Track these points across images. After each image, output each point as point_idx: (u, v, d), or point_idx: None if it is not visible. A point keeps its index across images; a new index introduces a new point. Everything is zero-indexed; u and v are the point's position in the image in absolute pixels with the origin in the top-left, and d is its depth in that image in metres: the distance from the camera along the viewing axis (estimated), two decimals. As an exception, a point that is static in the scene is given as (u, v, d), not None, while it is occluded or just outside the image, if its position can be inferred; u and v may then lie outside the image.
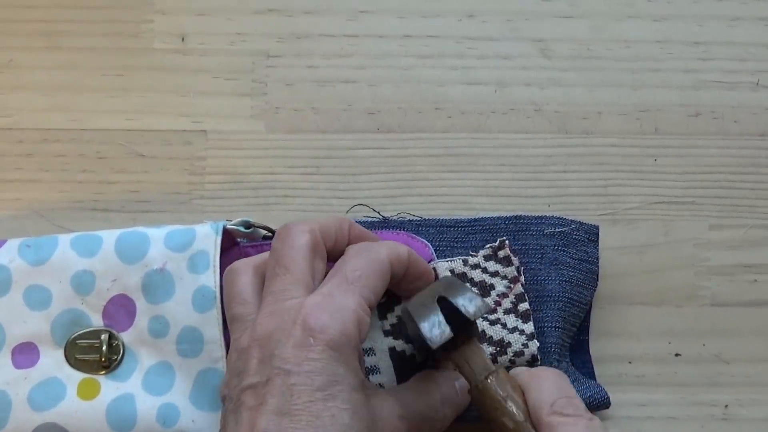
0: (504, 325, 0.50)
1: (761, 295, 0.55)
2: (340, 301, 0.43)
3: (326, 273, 0.46)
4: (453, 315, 0.44)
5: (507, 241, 0.52)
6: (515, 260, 0.52)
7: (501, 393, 0.44)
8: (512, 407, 0.44)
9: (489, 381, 0.44)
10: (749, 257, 0.56)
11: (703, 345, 0.55)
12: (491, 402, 0.44)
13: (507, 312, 0.51)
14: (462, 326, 0.44)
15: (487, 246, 0.52)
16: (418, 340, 0.47)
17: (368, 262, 0.45)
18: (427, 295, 0.46)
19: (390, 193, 0.57)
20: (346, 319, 0.43)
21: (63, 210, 0.56)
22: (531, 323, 0.51)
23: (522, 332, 0.50)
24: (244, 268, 0.47)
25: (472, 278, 0.51)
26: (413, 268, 0.48)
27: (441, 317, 0.44)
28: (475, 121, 0.58)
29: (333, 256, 0.48)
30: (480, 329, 0.50)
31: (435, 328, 0.44)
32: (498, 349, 0.50)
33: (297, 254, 0.45)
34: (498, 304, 0.51)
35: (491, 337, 0.50)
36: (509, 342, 0.50)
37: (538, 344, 0.51)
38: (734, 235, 0.56)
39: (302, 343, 0.42)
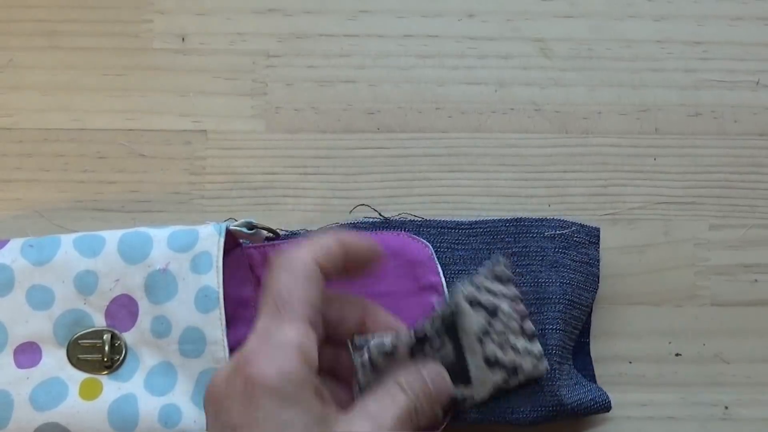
0: (515, 349, 0.49)
1: (761, 295, 0.55)
2: (276, 336, 0.41)
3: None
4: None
5: (502, 257, 0.50)
6: (511, 275, 0.50)
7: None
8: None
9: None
10: (749, 257, 0.56)
11: (704, 345, 0.55)
12: None
13: (515, 333, 0.49)
14: None
15: (487, 262, 0.50)
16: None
17: (291, 275, 0.42)
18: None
19: (390, 193, 0.57)
20: (286, 356, 0.40)
21: (63, 210, 0.56)
22: (537, 343, 0.50)
23: (531, 354, 0.49)
24: (307, 263, 0.43)
25: (480, 302, 0.49)
26: (353, 253, 0.45)
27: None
28: (475, 121, 0.58)
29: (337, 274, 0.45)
30: (493, 354, 0.49)
31: None
32: (509, 375, 0.49)
33: (293, 286, 0.43)
34: (506, 326, 0.49)
35: (503, 362, 0.49)
36: (520, 365, 0.49)
37: (547, 364, 0.50)
38: (734, 235, 0.56)
39: (244, 394, 0.40)
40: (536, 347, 0.50)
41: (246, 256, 0.53)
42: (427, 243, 0.53)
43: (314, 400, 0.41)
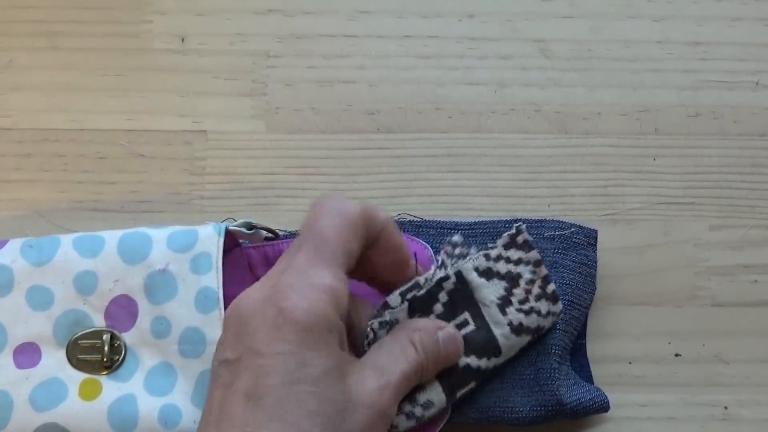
0: (539, 313, 0.50)
1: (761, 296, 0.55)
2: (313, 277, 0.42)
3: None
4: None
5: (524, 226, 0.51)
6: (530, 240, 0.51)
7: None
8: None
9: None
10: (749, 257, 0.56)
11: (703, 345, 0.55)
12: None
13: (538, 298, 0.50)
14: None
15: (505, 234, 0.50)
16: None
17: (339, 221, 0.43)
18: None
19: (390, 194, 0.57)
20: (320, 297, 0.41)
21: (63, 210, 0.56)
22: (560, 302, 0.50)
23: (555, 314, 0.50)
24: (354, 213, 0.44)
25: (498, 271, 0.50)
26: (386, 239, 0.46)
27: None
28: (475, 121, 0.58)
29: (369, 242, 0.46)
30: (518, 321, 0.49)
31: None
32: (534, 336, 0.50)
33: (338, 232, 0.43)
34: (528, 292, 0.50)
35: (528, 327, 0.49)
36: (543, 326, 0.50)
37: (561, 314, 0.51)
38: (734, 236, 0.56)
39: (274, 324, 0.41)
40: (558, 307, 0.50)
41: (245, 257, 0.53)
42: (427, 244, 0.53)
43: (336, 347, 0.42)
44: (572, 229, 0.54)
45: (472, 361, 0.48)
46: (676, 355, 0.55)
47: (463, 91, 0.58)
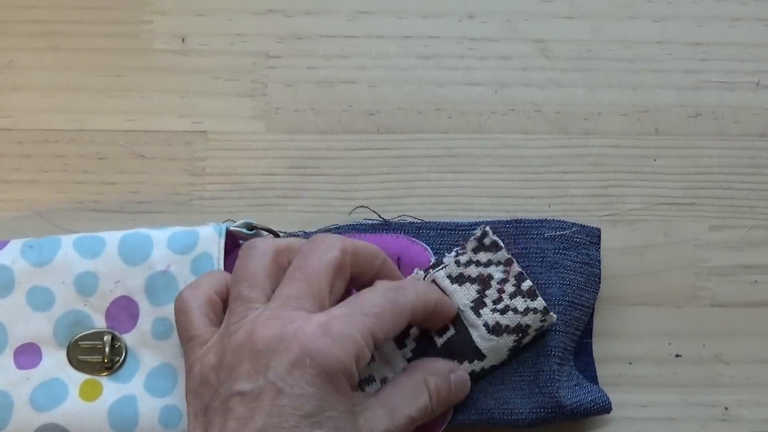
0: (515, 310, 0.50)
1: (761, 296, 0.55)
2: (347, 329, 0.42)
3: (344, 297, 0.46)
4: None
5: (488, 228, 0.51)
6: (502, 243, 0.51)
7: None
8: None
9: None
10: (749, 258, 0.56)
11: (703, 346, 0.55)
12: None
13: (513, 296, 0.50)
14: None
15: (472, 239, 0.51)
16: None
17: (392, 304, 0.45)
18: None
19: (390, 194, 0.57)
20: (348, 348, 0.42)
21: (63, 211, 0.56)
22: (540, 298, 0.50)
23: (535, 311, 0.50)
24: (266, 249, 0.46)
25: (469, 276, 0.51)
26: (438, 316, 0.48)
27: None
28: (475, 121, 0.58)
29: (355, 283, 0.47)
30: (494, 321, 0.50)
31: None
32: (519, 335, 0.50)
33: (321, 266, 0.45)
34: (501, 291, 0.50)
35: (507, 326, 0.50)
36: (528, 324, 0.50)
37: (555, 316, 0.51)
38: (734, 236, 0.56)
39: (298, 362, 0.41)
40: (538, 303, 0.50)
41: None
42: (427, 246, 0.53)
43: (350, 390, 0.43)
44: (573, 229, 0.54)
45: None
46: (677, 355, 0.55)
47: (463, 92, 0.58)
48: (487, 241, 0.51)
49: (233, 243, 0.52)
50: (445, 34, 0.59)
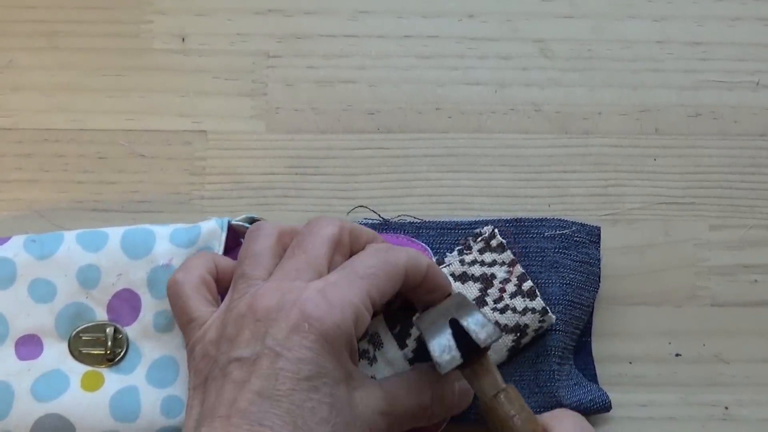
0: (514, 310, 0.50)
1: (761, 296, 0.55)
2: (344, 293, 0.43)
3: None
4: (463, 337, 0.44)
5: (496, 229, 0.52)
6: (502, 241, 0.52)
7: (509, 411, 0.43)
8: (518, 424, 0.43)
9: (498, 398, 0.44)
10: (749, 257, 0.56)
11: (704, 345, 0.55)
12: (499, 420, 0.43)
13: (513, 296, 0.50)
14: (472, 350, 0.44)
15: (479, 239, 0.52)
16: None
17: (384, 263, 0.45)
18: (437, 314, 0.46)
19: (390, 194, 0.57)
20: (346, 312, 0.43)
21: (63, 210, 0.56)
22: (539, 298, 0.50)
23: (534, 310, 0.50)
24: (270, 231, 0.47)
25: (473, 274, 0.51)
26: (430, 281, 0.47)
27: (452, 341, 0.43)
28: (475, 121, 0.58)
29: None
30: (493, 320, 0.50)
31: (445, 353, 0.43)
32: (517, 335, 0.50)
33: (319, 241, 0.45)
34: (503, 290, 0.51)
35: (506, 325, 0.50)
36: (526, 324, 0.50)
37: (554, 317, 0.51)
38: (734, 236, 0.56)
39: (297, 328, 0.42)
40: (537, 303, 0.50)
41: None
42: (427, 246, 0.53)
43: (349, 360, 0.44)
44: (573, 228, 0.54)
45: None
46: (677, 354, 0.55)
47: (463, 91, 0.58)
48: (494, 242, 0.52)
49: (235, 240, 0.52)
50: (445, 34, 0.59)
